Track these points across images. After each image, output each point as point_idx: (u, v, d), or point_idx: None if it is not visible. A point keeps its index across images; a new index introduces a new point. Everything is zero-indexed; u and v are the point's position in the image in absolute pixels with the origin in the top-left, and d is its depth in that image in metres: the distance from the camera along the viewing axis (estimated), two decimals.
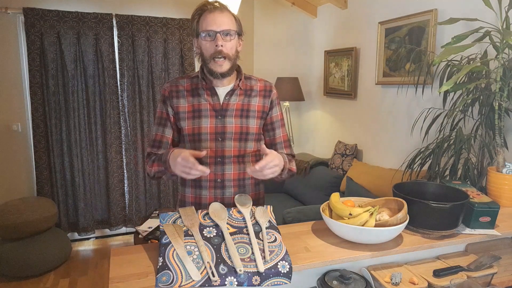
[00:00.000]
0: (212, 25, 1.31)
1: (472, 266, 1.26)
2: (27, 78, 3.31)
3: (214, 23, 1.31)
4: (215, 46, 1.32)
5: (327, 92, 3.86)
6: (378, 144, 3.16)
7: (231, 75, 1.40)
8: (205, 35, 1.33)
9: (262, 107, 1.48)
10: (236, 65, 1.43)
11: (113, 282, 1.02)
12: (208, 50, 1.34)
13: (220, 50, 1.32)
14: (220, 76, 1.36)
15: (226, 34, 1.32)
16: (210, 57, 1.34)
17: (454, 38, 1.74)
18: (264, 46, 4.07)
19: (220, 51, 1.32)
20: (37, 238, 2.99)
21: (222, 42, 1.32)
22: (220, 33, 1.31)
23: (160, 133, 1.47)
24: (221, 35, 1.31)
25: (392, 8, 2.88)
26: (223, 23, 1.31)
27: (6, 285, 2.86)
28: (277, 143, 1.54)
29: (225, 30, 1.32)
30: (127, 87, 3.59)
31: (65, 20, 3.28)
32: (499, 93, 1.72)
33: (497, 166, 1.73)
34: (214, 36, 1.32)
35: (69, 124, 3.44)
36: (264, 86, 1.50)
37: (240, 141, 1.44)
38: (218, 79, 1.39)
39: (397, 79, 2.84)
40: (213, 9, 1.33)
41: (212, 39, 1.32)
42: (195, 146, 1.43)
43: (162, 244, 1.12)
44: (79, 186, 3.53)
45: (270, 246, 1.15)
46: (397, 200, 1.33)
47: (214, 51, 1.32)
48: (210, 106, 1.42)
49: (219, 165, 1.44)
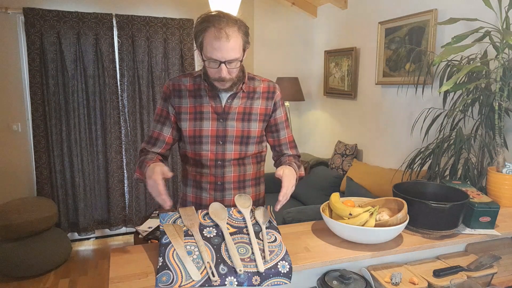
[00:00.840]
0: (217, 53, 1.25)
1: (472, 266, 1.26)
2: (27, 78, 3.31)
3: (220, 53, 1.25)
4: (219, 75, 1.29)
5: (327, 92, 3.86)
6: (378, 144, 3.16)
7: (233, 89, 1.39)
8: (210, 62, 1.29)
9: (265, 109, 1.46)
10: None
11: (113, 282, 1.02)
12: (212, 73, 1.32)
13: (224, 77, 1.30)
14: (223, 91, 1.37)
15: (230, 63, 1.28)
16: (213, 78, 1.33)
17: (454, 38, 1.74)
18: (264, 46, 4.07)
19: (224, 78, 1.30)
20: (37, 238, 2.99)
21: (226, 73, 1.28)
22: (225, 63, 1.27)
23: (157, 130, 1.45)
24: (226, 64, 1.27)
25: (392, 8, 2.88)
26: (229, 53, 1.25)
27: (6, 285, 2.86)
28: (282, 144, 1.53)
29: (230, 60, 1.27)
30: (127, 87, 3.58)
31: (65, 20, 3.28)
32: (499, 93, 1.72)
33: (497, 166, 1.73)
34: (219, 65, 1.27)
35: (69, 124, 3.44)
36: (268, 87, 1.47)
37: (241, 144, 1.43)
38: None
39: (397, 79, 2.84)
40: (219, 36, 1.23)
41: (217, 66, 1.28)
42: (195, 149, 1.42)
43: (162, 244, 1.12)
44: (79, 186, 3.53)
45: (270, 246, 1.15)
46: (397, 200, 1.33)
47: (218, 77, 1.31)
48: (212, 108, 1.40)
49: (219, 167, 1.43)
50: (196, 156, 1.43)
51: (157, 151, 1.45)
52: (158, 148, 1.45)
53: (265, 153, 1.56)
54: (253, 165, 1.49)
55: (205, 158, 1.42)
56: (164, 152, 1.47)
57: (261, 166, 1.55)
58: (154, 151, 1.45)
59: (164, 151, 1.47)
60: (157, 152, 1.45)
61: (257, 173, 1.53)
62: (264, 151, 1.55)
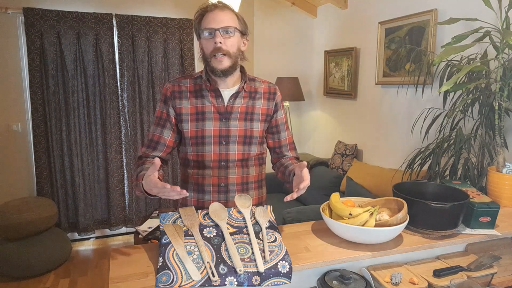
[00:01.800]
0: (212, 23, 1.30)
1: (472, 266, 1.26)
2: (27, 78, 3.31)
3: (214, 21, 1.30)
4: (214, 43, 1.30)
5: (327, 92, 3.86)
6: (378, 144, 3.16)
7: (233, 73, 1.37)
8: (206, 33, 1.32)
9: (267, 110, 1.46)
10: (239, 65, 1.40)
11: (113, 282, 1.02)
12: (208, 48, 1.33)
13: (219, 47, 1.30)
14: (222, 73, 1.34)
15: (225, 31, 1.31)
16: (210, 55, 1.33)
17: (454, 38, 1.74)
18: (264, 46, 4.07)
19: (219, 48, 1.30)
20: (37, 238, 2.99)
21: (221, 39, 1.30)
22: (219, 30, 1.30)
23: (158, 133, 1.43)
24: (220, 32, 1.30)
25: (392, 8, 2.88)
26: (223, 21, 1.30)
27: (6, 285, 2.86)
28: (282, 146, 1.53)
29: (224, 27, 1.30)
30: (127, 87, 3.58)
31: (65, 20, 3.27)
32: (499, 93, 1.72)
33: (497, 166, 1.73)
34: (213, 34, 1.30)
35: (69, 124, 3.44)
36: (269, 88, 1.47)
37: (244, 144, 1.42)
38: (221, 78, 1.36)
39: (397, 79, 2.84)
40: (214, 8, 1.32)
41: (212, 37, 1.31)
42: (198, 150, 1.40)
43: (162, 244, 1.12)
44: (79, 186, 3.53)
45: (270, 246, 1.15)
46: (397, 200, 1.33)
47: (213, 48, 1.31)
48: (215, 108, 1.39)
49: (223, 169, 1.41)
50: (198, 157, 1.41)
51: (158, 155, 1.43)
52: (159, 152, 1.43)
53: (266, 155, 1.56)
54: (255, 167, 1.48)
55: (208, 159, 1.40)
56: (165, 156, 1.45)
57: (262, 168, 1.54)
58: (155, 155, 1.42)
59: (165, 154, 1.45)
60: (157, 157, 1.42)
61: (259, 176, 1.52)
62: (265, 153, 1.54)
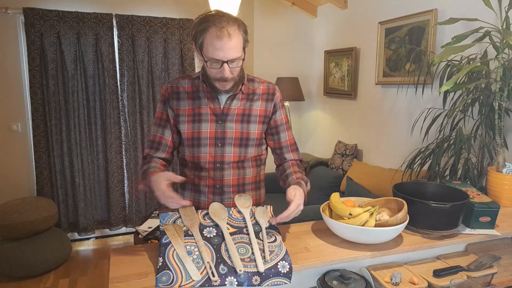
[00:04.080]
0: (219, 53, 1.22)
1: (472, 266, 1.26)
2: (27, 78, 3.31)
3: (222, 52, 1.22)
4: (221, 74, 1.27)
5: (327, 92, 3.86)
6: (378, 144, 3.16)
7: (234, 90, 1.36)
8: (211, 62, 1.26)
9: (265, 111, 1.44)
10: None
11: (113, 282, 1.02)
12: (213, 73, 1.29)
13: (226, 77, 1.27)
14: (223, 93, 1.34)
15: (233, 62, 1.26)
16: (214, 78, 1.30)
17: (454, 38, 1.74)
18: (264, 46, 4.07)
19: (227, 77, 1.28)
20: (37, 238, 2.99)
21: (228, 72, 1.26)
22: (227, 63, 1.24)
23: (159, 134, 1.43)
24: (228, 64, 1.25)
25: (392, 8, 2.88)
26: (231, 52, 1.23)
27: (6, 285, 2.86)
28: (283, 147, 1.50)
29: (232, 59, 1.25)
30: (127, 87, 3.58)
31: (65, 20, 3.27)
32: (499, 93, 1.72)
33: (497, 166, 1.73)
34: (221, 65, 1.25)
35: (69, 124, 3.43)
36: (267, 89, 1.45)
37: (240, 146, 1.41)
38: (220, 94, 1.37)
39: (397, 79, 2.84)
40: (221, 35, 1.20)
41: (219, 66, 1.26)
42: (194, 151, 1.40)
43: (162, 244, 1.12)
44: (79, 186, 3.53)
45: (270, 246, 1.15)
46: (397, 200, 1.33)
47: (219, 77, 1.28)
48: (211, 110, 1.38)
49: (218, 170, 1.41)
50: (194, 158, 1.41)
51: (161, 156, 1.43)
52: (162, 153, 1.43)
53: (265, 156, 1.54)
54: (252, 169, 1.47)
55: (204, 161, 1.40)
56: (168, 157, 1.46)
57: (261, 169, 1.53)
58: (158, 156, 1.43)
59: (168, 155, 1.45)
60: (161, 157, 1.43)
61: (257, 177, 1.51)
62: (264, 154, 1.53)
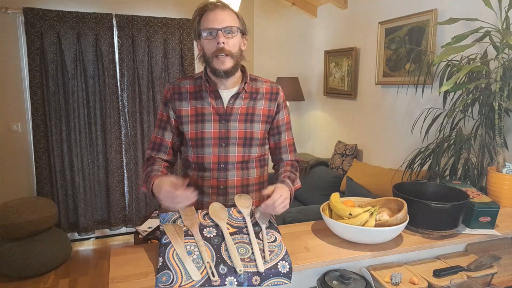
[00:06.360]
0: (213, 22, 1.27)
1: (472, 266, 1.26)
2: (27, 78, 3.31)
3: (216, 21, 1.27)
4: (217, 43, 1.27)
5: (327, 92, 3.85)
6: (378, 144, 3.16)
7: (235, 74, 1.35)
8: (207, 33, 1.28)
9: (268, 110, 1.43)
10: (240, 65, 1.38)
11: (113, 282, 1.02)
12: (210, 48, 1.30)
13: (222, 47, 1.27)
14: (224, 74, 1.31)
15: (228, 31, 1.28)
16: (212, 55, 1.29)
17: (454, 38, 1.74)
18: (264, 46, 4.07)
19: (222, 48, 1.27)
20: (37, 238, 2.99)
21: (224, 39, 1.27)
22: (221, 30, 1.26)
23: (160, 136, 1.43)
24: (223, 32, 1.27)
25: (392, 8, 2.88)
26: (225, 20, 1.27)
27: (6, 285, 2.86)
28: (281, 147, 1.50)
29: (227, 27, 1.27)
30: (127, 87, 3.58)
31: (65, 20, 3.28)
32: (499, 93, 1.72)
33: (497, 166, 1.73)
34: (215, 34, 1.27)
35: (69, 124, 3.44)
36: (271, 88, 1.44)
37: (244, 146, 1.40)
38: (222, 79, 1.34)
39: (397, 79, 2.84)
40: (214, 8, 1.29)
41: (214, 37, 1.27)
42: (198, 152, 1.39)
43: (162, 244, 1.12)
44: (79, 186, 3.53)
45: (270, 246, 1.15)
46: (397, 200, 1.33)
47: (216, 49, 1.28)
48: (214, 110, 1.37)
49: (222, 171, 1.40)
50: (198, 159, 1.40)
51: (164, 158, 1.43)
52: (164, 154, 1.43)
53: (268, 156, 1.54)
54: (256, 169, 1.46)
55: (208, 161, 1.39)
56: (170, 158, 1.45)
57: (264, 170, 1.52)
58: (161, 158, 1.43)
59: (170, 157, 1.44)
60: (164, 159, 1.43)
61: (261, 177, 1.50)
62: (267, 155, 1.52)
